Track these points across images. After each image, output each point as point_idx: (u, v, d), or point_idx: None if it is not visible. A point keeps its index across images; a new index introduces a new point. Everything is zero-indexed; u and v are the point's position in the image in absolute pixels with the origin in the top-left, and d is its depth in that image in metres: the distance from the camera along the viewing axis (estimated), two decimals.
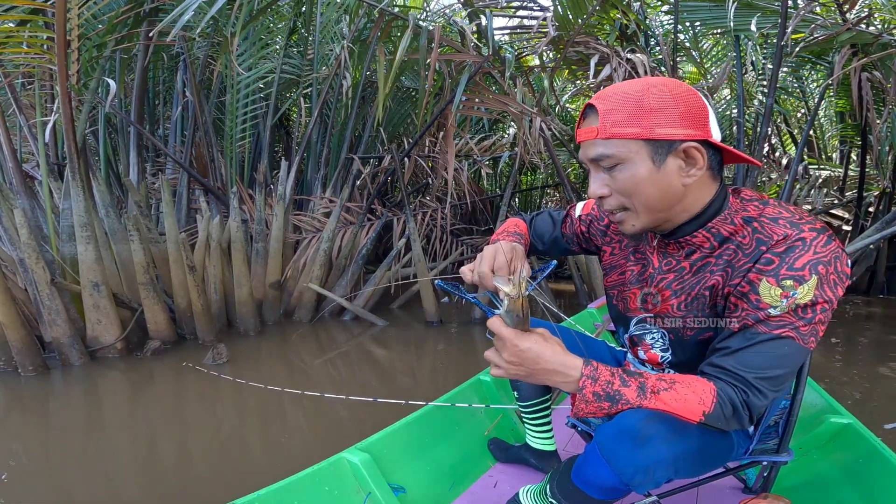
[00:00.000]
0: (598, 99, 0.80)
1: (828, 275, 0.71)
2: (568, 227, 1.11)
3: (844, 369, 2.72)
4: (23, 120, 3.16)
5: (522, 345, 0.74)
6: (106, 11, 3.29)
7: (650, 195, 0.79)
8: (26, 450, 1.96)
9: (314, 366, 2.99)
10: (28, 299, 2.84)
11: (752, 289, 0.74)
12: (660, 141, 0.76)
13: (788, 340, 0.73)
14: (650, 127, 0.75)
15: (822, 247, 0.72)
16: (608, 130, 0.77)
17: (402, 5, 5.32)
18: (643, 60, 3.32)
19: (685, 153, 0.77)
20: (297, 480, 1.11)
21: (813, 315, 0.72)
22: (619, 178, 0.79)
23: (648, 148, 0.76)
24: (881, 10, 3.87)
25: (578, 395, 0.75)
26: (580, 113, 0.84)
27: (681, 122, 0.75)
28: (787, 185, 3.72)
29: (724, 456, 0.91)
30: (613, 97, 0.78)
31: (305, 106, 4.60)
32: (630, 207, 0.81)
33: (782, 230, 0.74)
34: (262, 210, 3.74)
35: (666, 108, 0.75)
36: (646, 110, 0.75)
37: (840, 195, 5.63)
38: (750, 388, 0.73)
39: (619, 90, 0.79)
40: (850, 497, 1.18)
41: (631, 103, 0.76)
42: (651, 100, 0.75)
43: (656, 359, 0.95)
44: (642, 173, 0.77)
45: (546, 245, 1.14)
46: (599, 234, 1.04)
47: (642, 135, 0.76)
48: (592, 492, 0.86)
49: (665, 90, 0.76)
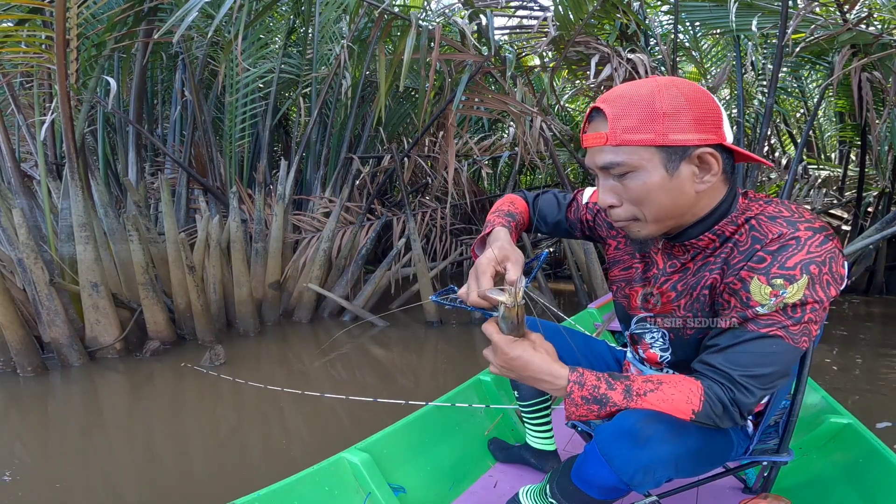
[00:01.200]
0: (606, 102, 0.76)
1: (821, 275, 0.70)
2: (573, 212, 1.08)
3: (844, 369, 2.72)
4: (21, 119, 3.15)
5: (512, 353, 0.76)
6: (105, 11, 3.29)
7: (662, 203, 0.76)
8: (25, 450, 1.96)
9: (314, 366, 2.99)
10: (27, 299, 2.83)
11: (744, 286, 0.74)
12: (673, 147, 0.73)
13: (777, 339, 0.73)
14: (663, 132, 0.72)
15: (816, 246, 0.71)
16: (619, 137, 0.74)
17: (402, 5, 5.32)
18: (643, 60, 3.32)
19: (699, 159, 0.74)
20: (297, 480, 1.11)
21: (802, 314, 0.72)
22: (630, 186, 0.76)
23: (661, 155, 0.73)
24: (881, 10, 3.87)
25: (567, 400, 0.77)
26: (585, 115, 0.81)
27: (695, 126, 0.72)
28: (786, 185, 3.72)
29: (723, 455, 0.91)
30: (622, 100, 0.74)
31: (305, 105, 4.60)
32: (640, 217, 0.79)
33: (778, 228, 0.74)
34: (261, 210, 3.73)
35: (679, 111, 0.72)
36: (658, 114, 0.72)
37: (839, 195, 5.63)
38: (736, 385, 0.74)
39: (629, 92, 0.75)
40: (850, 497, 1.18)
41: (642, 107, 0.73)
42: (663, 103, 0.72)
43: (655, 358, 0.95)
44: (655, 181, 0.74)
45: (548, 227, 1.11)
46: (605, 226, 1.02)
47: (655, 141, 0.72)
48: (593, 492, 0.86)
49: (677, 92, 0.73)
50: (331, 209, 4.08)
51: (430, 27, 2.95)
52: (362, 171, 4.37)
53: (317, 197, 4.31)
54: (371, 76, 4.57)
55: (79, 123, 3.08)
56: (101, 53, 3.30)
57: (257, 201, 3.74)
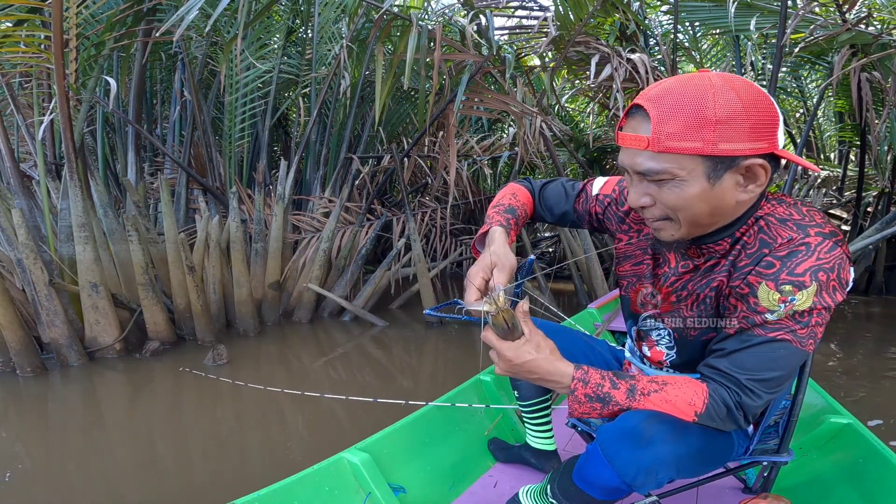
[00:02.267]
0: (650, 100, 0.69)
1: (828, 282, 0.70)
2: (581, 203, 1.03)
3: (844, 369, 2.73)
4: (20, 119, 3.14)
5: (515, 357, 0.76)
6: (104, 10, 3.29)
7: (699, 212, 0.72)
8: (25, 451, 1.95)
9: (314, 366, 2.98)
10: (26, 300, 2.83)
11: (752, 291, 0.73)
12: (721, 157, 0.67)
13: (785, 343, 0.72)
14: (713, 141, 0.65)
15: (826, 252, 0.70)
16: (662, 143, 0.67)
17: (402, 5, 5.31)
18: (643, 60, 3.32)
19: (747, 169, 0.69)
20: (297, 480, 1.11)
21: (810, 319, 0.71)
22: (666, 193, 0.72)
23: (707, 164, 0.68)
24: (880, 10, 3.87)
25: (571, 396, 0.78)
26: (624, 110, 0.74)
27: (749, 135, 0.66)
28: (786, 185, 3.72)
29: (725, 455, 0.91)
30: (669, 100, 0.67)
31: (304, 105, 4.60)
32: (674, 219, 0.75)
33: (787, 232, 0.72)
34: (261, 210, 3.73)
35: (734, 119, 0.65)
36: (709, 121, 0.65)
37: (839, 195, 5.63)
38: (743, 389, 0.73)
39: (677, 91, 0.67)
40: (850, 497, 1.18)
41: (691, 111, 0.65)
42: (717, 108, 0.64)
43: (660, 356, 0.95)
44: (694, 192, 0.70)
45: (555, 218, 1.07)
46: (616, 220, 0.97)
47: (703, 150, 0.66)
48: (594, 492, 0.86)
49: (734, 96, 0.65)
50: (330, 209, 4.08)
51: (430, 27, 2.95)
52: (362, 171, 4.37)
53: (316, 197, 4.31)
54: (370, 76, 4.56)
55: (78, 123, 3.08)
56: (101, 53, 3.30)
57: (257, 201, 3.74)
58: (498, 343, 0.77)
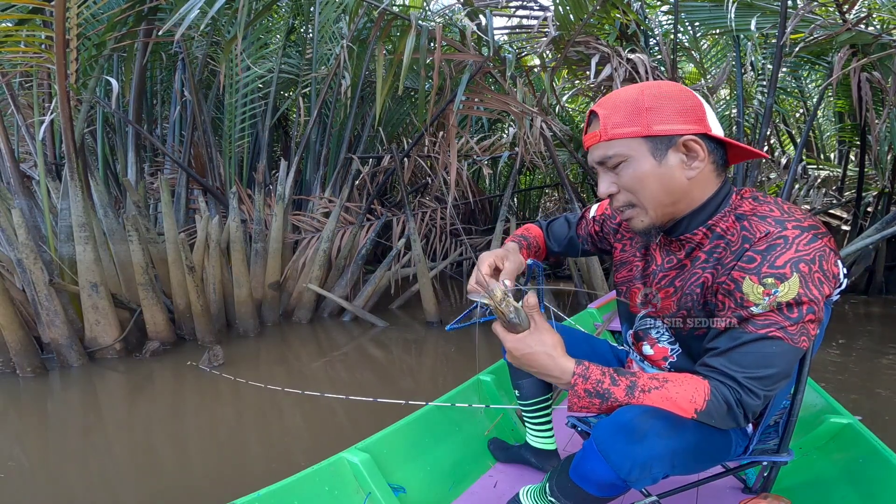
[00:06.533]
0: (599, 106, 0.85)
1: (811, 273, 0.72)
2: (583, 228, 1.15)
3: (844, 369, 2.73)
4: (20, 119, 3.14)
5: (515, 349, 0.81)
6: (105, 10, 3.29)
7: (654, 189, 0.82)
8: (25, 451, 1.96)
9: (314, 367, 2.98)
10: (26, 300, 2.83)
11: (737, 286, 0.76)
12: (659, 137, 0.80)
13: (776, 341, 0.74)
14: (647, 124, 0.80)
15: (805, 245, 0.73)
16: (609, 132, 0.82)
17: (402, 5, 5.32)
18: (643, 60, 3.32)
19: (685, 146, 0.80)
20: (297, 480, 1.11)
21: (800, 314, 0.73)
22: (623, 174, 0.83)
23: (648, 144, 0.81)
24: (880, 10, 3.87)
25: (571, 391, 0.80)
26: (585, 121, 0.90)
27: (677, 117, 0.80)
28: (786, 185, 3.72)
29: (722, 453, 0.91)
30: (612, 102, 0.83)
31: (304, 105, 4.60)
32: (637, 204, 0.85)
33: (766, 227, 0.76)
34: (261, 210, 3.73)
35: (661, 106, 0.80)
36: (642, 110, 0.80)
37: (839, 195, 5.63)
38: (741, 387, 0.75)
39: (618, 96, 0.84)
40: (850, 497, 1.18)
41: (628, 105, 0.81)
42: (646, 100, 0.80)
43: (664, 352, 0.96)
44: (645, 169, 0.81)
45: (563, 247, 1.19)
46: (612, 232, 1.08)
47: (641, 132, 0.80)
48: (590, 488, 0.86)
49: (658, 90, 0.81)
50: (330, 209, 4.08)
51: (430, 27, 2.95)
52: (362, 171, 4.37)
53: (316, 197, 4.31)
54: (370, 76, 4.56)
55: (78, 123, 3.08)
56: (101, 53, 3.30)
57: (257, 201, 3.74)
58: (503, 334, 0.82)
